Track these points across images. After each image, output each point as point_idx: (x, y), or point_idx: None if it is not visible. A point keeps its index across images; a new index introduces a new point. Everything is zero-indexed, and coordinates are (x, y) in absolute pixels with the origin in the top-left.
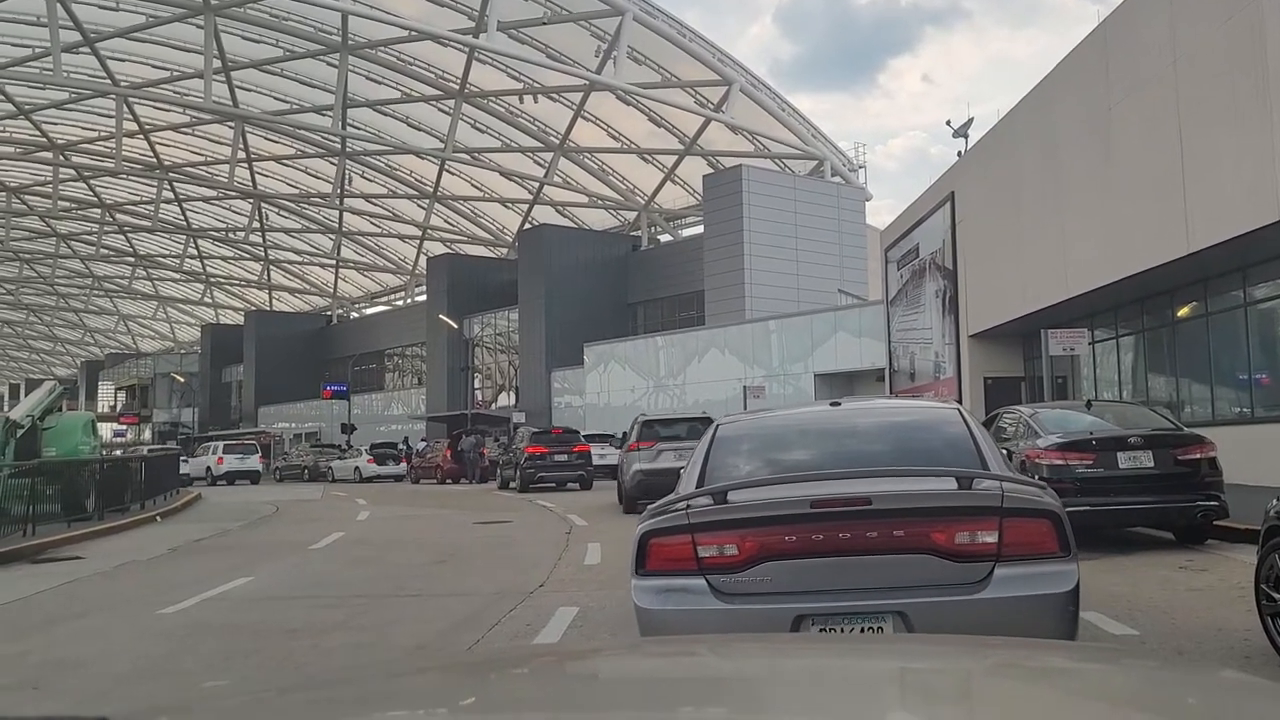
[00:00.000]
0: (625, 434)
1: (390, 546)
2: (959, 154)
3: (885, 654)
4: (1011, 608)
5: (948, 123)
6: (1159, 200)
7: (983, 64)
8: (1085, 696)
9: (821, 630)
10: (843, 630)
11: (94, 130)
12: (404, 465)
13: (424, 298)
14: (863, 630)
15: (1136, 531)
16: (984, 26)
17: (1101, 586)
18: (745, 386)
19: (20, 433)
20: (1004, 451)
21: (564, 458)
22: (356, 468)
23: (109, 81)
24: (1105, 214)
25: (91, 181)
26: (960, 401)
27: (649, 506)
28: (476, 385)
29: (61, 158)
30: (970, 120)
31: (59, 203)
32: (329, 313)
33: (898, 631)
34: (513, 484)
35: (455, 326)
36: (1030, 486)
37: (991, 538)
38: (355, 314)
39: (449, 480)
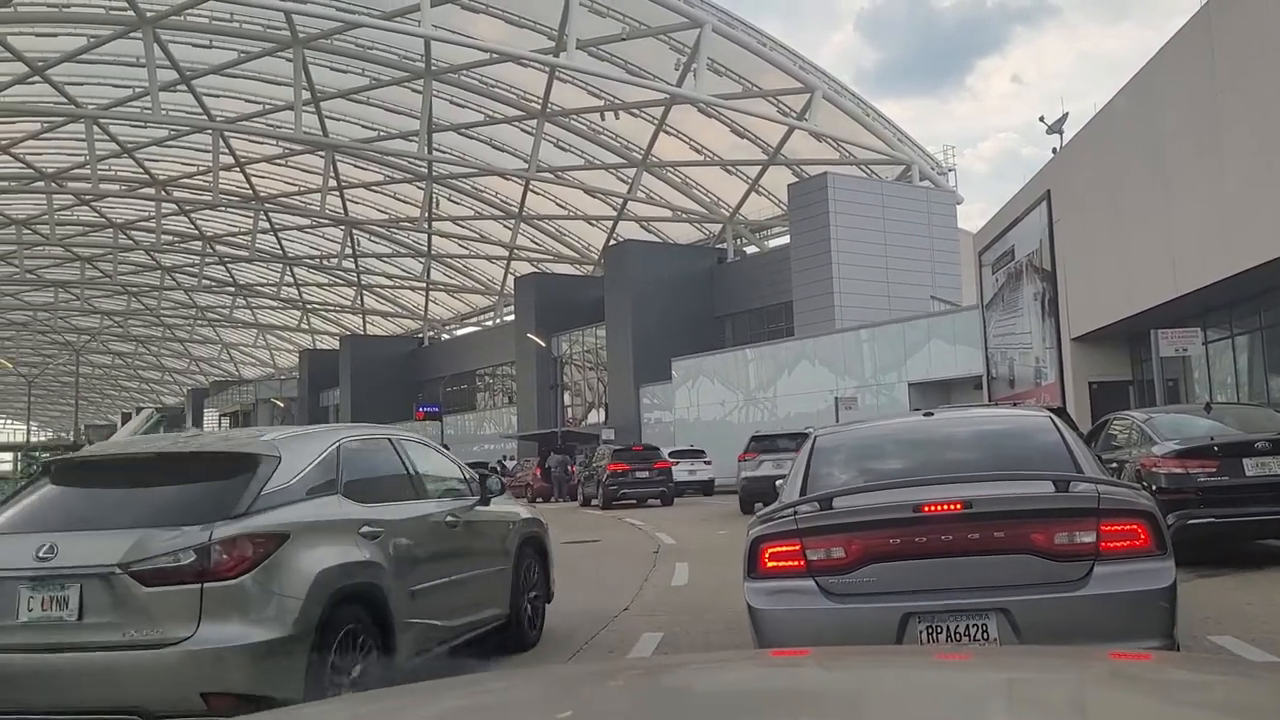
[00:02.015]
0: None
1: None
2: (1054, 151)
3: (990, 666)
4: (1111, 604)
5: (1041, 118)
6: (1274, 189)
7: (1074, 61)
8: (1214, 710)
9: (928, 628)
10: (949, 628)
11: (193, 165)
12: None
13: (512, 317)
14: (968, 628)
15: (1269, 544)
16: (1074, 23)
17: (1233, 606)
18: (837, 398)
19: None
20: (1099, 457)
21: (645, 474)
22: None
23: (205, 117)
24: (1215, 206)
25: (192, 215)
26: (1064, 407)
27: (757, 514)
28: (567, 403)
29: (163, 193)
30: (1065, 115)
31: (162, 237)
32: (420, 335)
33: (1002, 628)
34: (595, 501)
35: (543, 345)
36: (1125, 488)
37: (1090, 537)
38: (446, 335)
39: (539, 499)
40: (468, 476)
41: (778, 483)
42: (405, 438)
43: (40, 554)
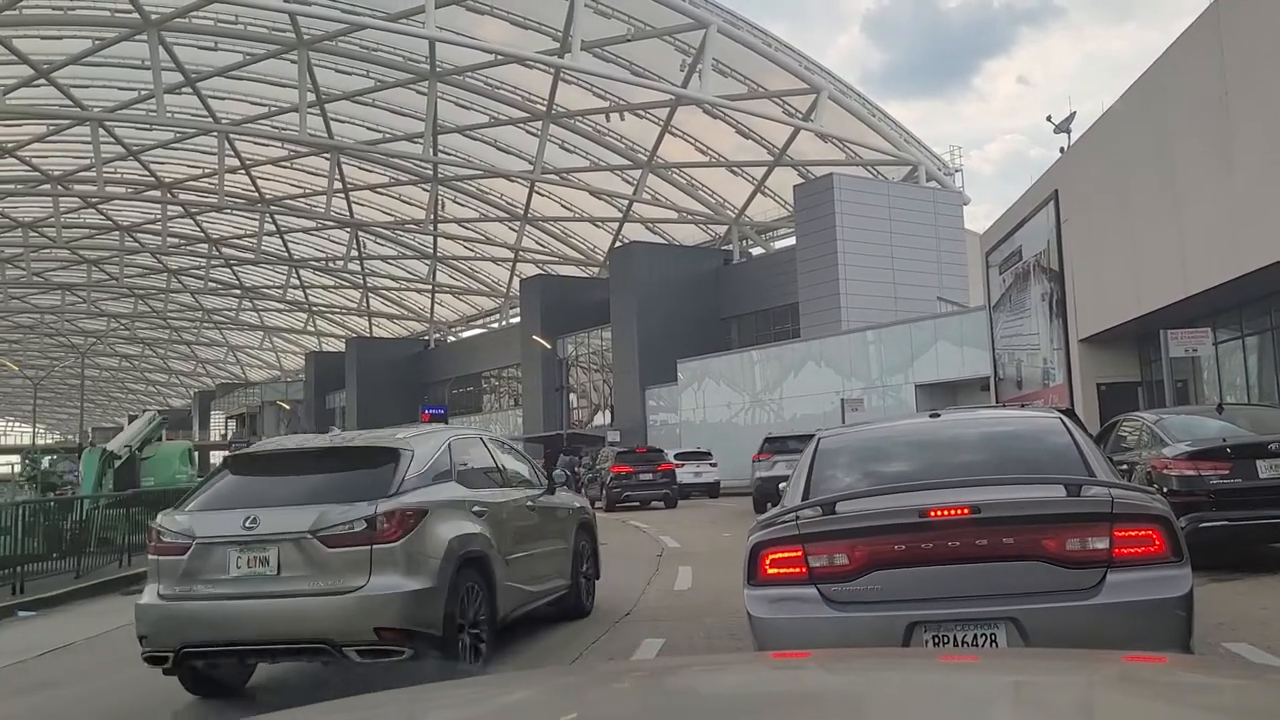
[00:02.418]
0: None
1: None
2: (1061, 150)
3: (998, 669)
4: (1125, 613)
5: (1048, 118)
6: None
7: (1080, 62)
8: (1220, 713)
9: (934, 638)
10: (956, 638)
11: (198, 168)
12: None
13: (518, 319)
14: (976, 637)
15: None
16: (1080, 24)
17: (1248, 612)
18: (843, 399)
19: (118, 463)
20: (1118, 462)
21: (649, 476)
22: None
23: (210, 120)
24: (1226, 205)
25: (198, 217)
26: (1072, 408)
27: (759, 518)
28: (573, 405)
29: (169, 195)
30: (1072, 115)
31: (168, 239)
32: (426, 337)
33: (1011, 638)
34: (598, 503)
35: (549, 346)
36: (1139, 492)
37: (1102, 543)
38: (452, 338)
39: None
40: (536, 470)
41: (781, 485)
42: (492, 437)
43: (246, 524)
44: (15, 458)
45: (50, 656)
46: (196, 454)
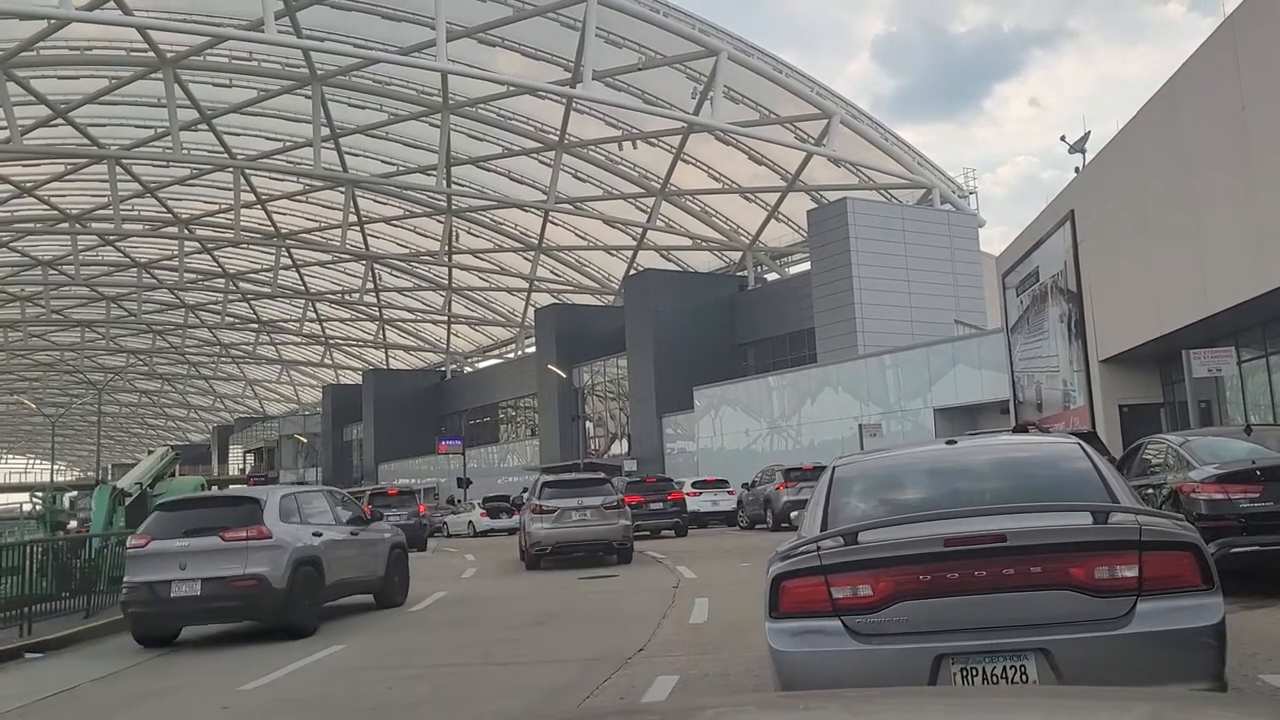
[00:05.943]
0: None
1: (489, 606)
2: (1076, 170)
3: (1029, 709)
4: (1157, 642)
5: (1062, 138)
6: None
7: (1093, 84)
8: None
9: (962, 670)
10: (985, 670)
11: (214, 203)
12: (518, 518)
13: (533, 349)
14: (1005, 669)
15: None
16: (1092, 46)
17: None
18: (860, 425)
19: (129, 500)
20: (1143, 485)
21: (659, 506)
22: (470, 522)
23: (226, 155)
24: (1247, 220)
25: (215, 252)
26: (1094, 431)
27: (777, 550)
28: (589, 434)
29: (186, 231)
30: (1087, 134)
31: (185, 275)
32: (443, 368)
33: (1041, 669)
34: None
35: (564, 376)
36: (1166, 519)
37: (1132, 572)
38: (468, 368)
39: None
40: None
41: (793, 514)
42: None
43: (578, 502)
44: (24, 495)
45: (53, 700)
46: (215, 488)
